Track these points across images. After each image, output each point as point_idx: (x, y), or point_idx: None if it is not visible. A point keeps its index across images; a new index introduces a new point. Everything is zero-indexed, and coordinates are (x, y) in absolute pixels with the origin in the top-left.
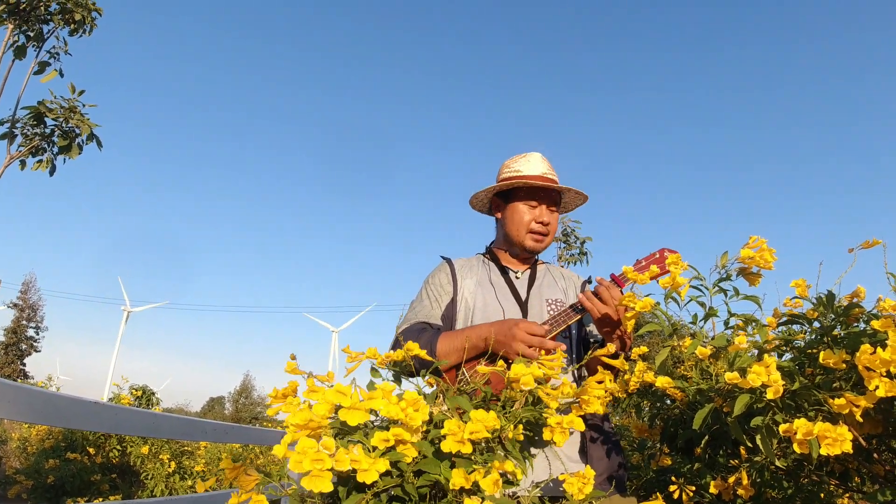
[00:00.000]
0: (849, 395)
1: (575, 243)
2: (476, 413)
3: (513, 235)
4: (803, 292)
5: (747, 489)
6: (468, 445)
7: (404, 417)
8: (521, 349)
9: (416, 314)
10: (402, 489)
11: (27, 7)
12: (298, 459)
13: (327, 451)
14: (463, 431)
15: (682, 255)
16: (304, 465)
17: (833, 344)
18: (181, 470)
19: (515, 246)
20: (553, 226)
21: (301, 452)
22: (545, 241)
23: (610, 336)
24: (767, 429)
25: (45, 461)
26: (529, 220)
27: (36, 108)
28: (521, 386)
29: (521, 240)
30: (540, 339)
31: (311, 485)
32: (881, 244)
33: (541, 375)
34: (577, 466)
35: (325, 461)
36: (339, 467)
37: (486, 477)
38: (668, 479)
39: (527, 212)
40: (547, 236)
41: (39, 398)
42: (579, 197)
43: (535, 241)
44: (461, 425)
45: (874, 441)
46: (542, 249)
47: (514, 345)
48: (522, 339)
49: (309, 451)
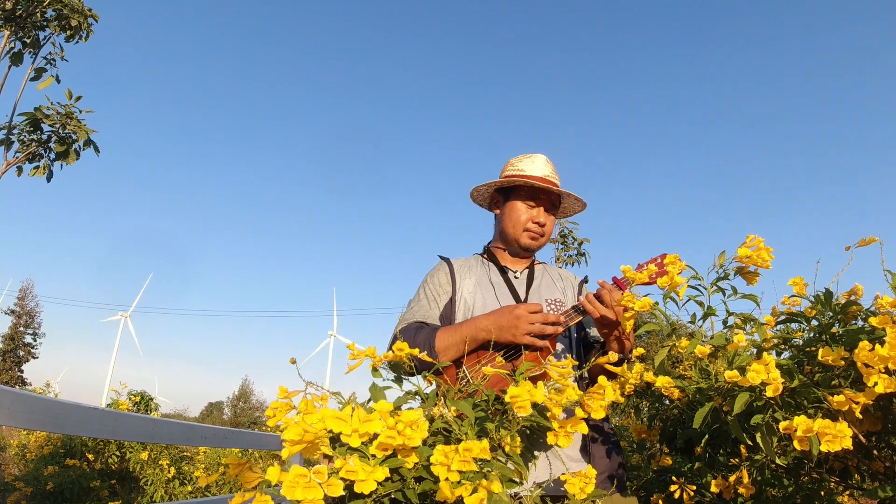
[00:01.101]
0: (848, 392)
1: (573, 244)
2: (467, 444)
3: (509, 232)
4: (801, 290)
5: (748, 487)
6: (456, 475)
7: (402, 441)
8: (527, 329)
9: (414, 314)
10: (402, 493)
11: (23, 13)
12: (290, 486)
13: (318, 479)
14: (451, 462)
15: (681, 258)
16: (297, 494)
17: (831, 341)
18: (181, 475)
19: (511, 243)
20: (549, 227)
21: (293, 481)
22: (540, 240)
23: (609, 337)
24: (767, 427)
25: (44, 468)
26: (526, 220)
27: (32, 115)
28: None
29: (517, 237)
30: (543, 315)
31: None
32: (878, 242)
33: (542, 401)
34: (578, 466)
35: (316, 490)
36: (331, 493)
37: (471, 495)
38: (668, 479)
39: (525, 211)
40: (543, 237)
41: (38, 404)
42: (578, 203)
43: (531, 240)
44: (450, 455)
45: (874, 438)
46: (537, 248)
47: (519, 326)
48: (527, 319)
49: (300, 479)
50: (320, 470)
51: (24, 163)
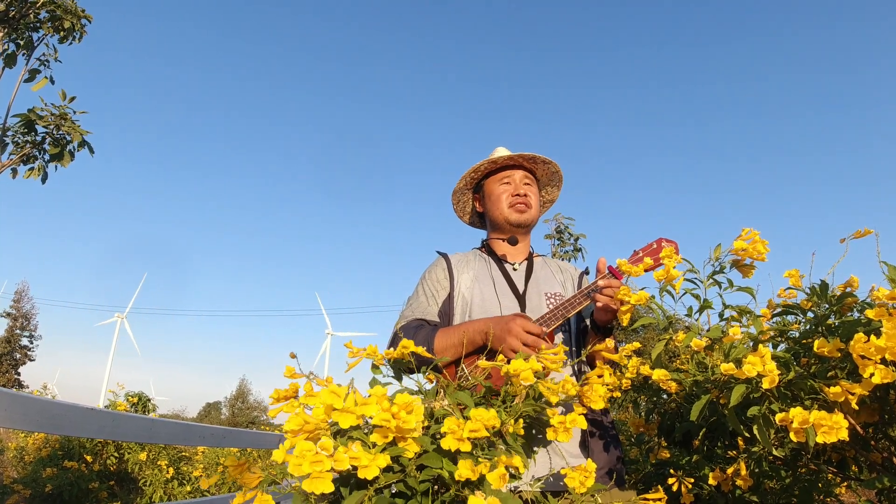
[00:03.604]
0: (844, 383)
1: (569, 240)
2: (476, 412)
3: (496, 215)
4: (797, 283)
5: (746, 479)
6: (467, 444)
7: (398, 423)
8: (515, 345)
9: (413, 311)
10: (404, 484)
11: (16, 15)
12: (297, 462)
13: (325, 452)
14: (463, 430)
15: (679, 245)
16: (304, 468)
17: (827, 333)
18: (179, 475)
19: (503, 226)
20: (532, 199)
21: (299, 455)
22: (528, 212)
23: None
24: (764, 418)
25: (43, 470)
26: (506, 194)
27: (26, 116)
28: (521, 381)
29: (505, 216)
30: (535, 337)
31: (312, 487)
32: (874, 233)
33: (540, 370)
34: (577, 461)
35: (323, 462)
36: (338, 466)
37: (492, 471)
38: (666, 472)
39: (501, 188)
40: (530, 208)
41: (35, 406)
42: (550, 166)
43: (519, 212)
44: (461, 423)
45: (871, 429)
46: (528, 221)
47: (509, 340)
48: (517, 335)
49: (307, 453)
50: (326, 444)
51: (18, 164)
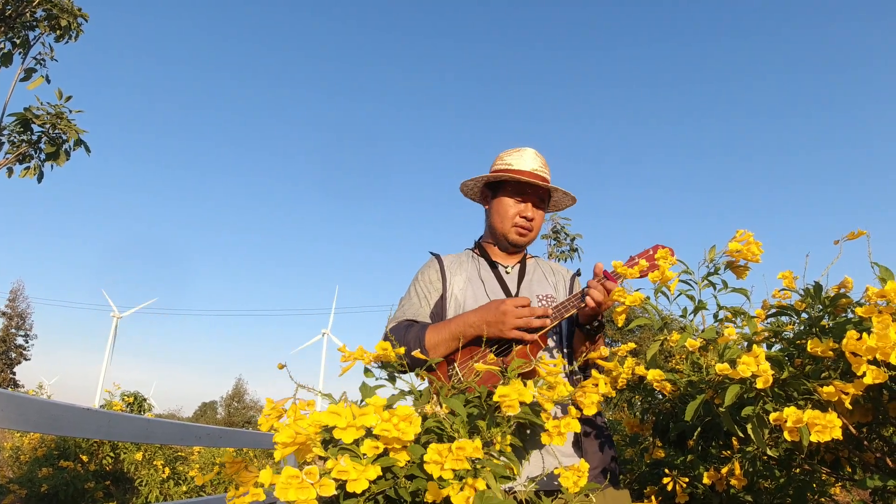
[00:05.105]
0: (838, 383)
1: (565, 240)
2: (460, 443)
3: (497, 228)
4: (791, 284)
5: (740, 479)
6: (449, 473)
7: (398, 434)
8: (513, 324)
9: (405, 312)
10: (394, 491)
11: (13, 14)
12: (283, 488)
13: (310, 480)
14: (445, 460)
15: (675, 251)
16: (290, 496)
17: (821, 334)
18: (175, 476)
19: (500, 238)
20: (538, 222)
21: (285, 482)
22: (529, 235)
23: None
24: (758, 418)
25: (38, 470)
26: (514, 215)
27: (22, 115)
28: (506, 411)
29: (506, 232)
30: (530, 309)
31: None
32: (866, 235)
33: (531, 400)
34: (571, 461)
35: (308, 490)
36: (324, 493)
37: (458, 493)
38: (661, 472)
39: (512, 206)
40: (531, 231)
41: (31, 406)
42: (567, 198)
43: (519, 235)
44: (443, 453)
45: (865, 429)
46: (525, 243)
47: (506, 321)
48: (514, 314)
49: (293, 481)
50: (312, 471)
51: (14, 164)
